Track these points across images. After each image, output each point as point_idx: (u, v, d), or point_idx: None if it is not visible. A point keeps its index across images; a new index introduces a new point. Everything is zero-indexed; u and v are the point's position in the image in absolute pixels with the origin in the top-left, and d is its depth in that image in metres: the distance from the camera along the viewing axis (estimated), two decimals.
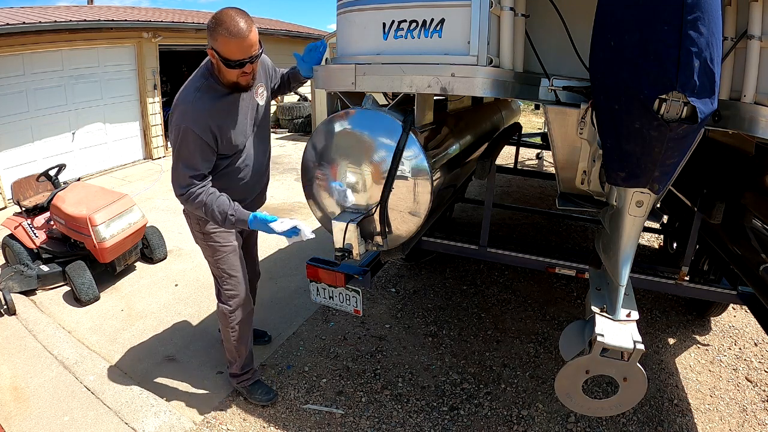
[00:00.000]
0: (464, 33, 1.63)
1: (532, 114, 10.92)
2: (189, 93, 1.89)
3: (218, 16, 1.76)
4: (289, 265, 3.98)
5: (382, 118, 1.93)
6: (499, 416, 2.41)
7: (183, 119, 1.85)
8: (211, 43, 1.79)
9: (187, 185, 1.89)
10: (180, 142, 1.86)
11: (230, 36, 1.74)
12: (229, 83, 1.90)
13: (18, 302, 3.33)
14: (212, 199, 1.92)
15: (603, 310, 1.65)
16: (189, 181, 1.89)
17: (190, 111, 1.85)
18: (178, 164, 1.90)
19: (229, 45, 1.76)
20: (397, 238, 2.07)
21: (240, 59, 1.80)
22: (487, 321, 3.22)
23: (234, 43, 1.75)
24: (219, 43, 1.76)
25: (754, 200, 2.00)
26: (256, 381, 2.49)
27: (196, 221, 2.16)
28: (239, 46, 1.77)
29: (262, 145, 2.21)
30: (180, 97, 1.92)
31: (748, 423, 2.40)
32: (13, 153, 6.05)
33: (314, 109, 9.64)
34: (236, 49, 1.77)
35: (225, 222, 1.94)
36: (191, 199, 1.90)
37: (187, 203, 1.94)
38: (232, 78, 1.87)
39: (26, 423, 2.32)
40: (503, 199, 5.65)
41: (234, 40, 1.75)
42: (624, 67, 1.22)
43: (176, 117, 1.88)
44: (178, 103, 1.91)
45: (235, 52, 1.78)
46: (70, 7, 8.46)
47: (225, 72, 1.85)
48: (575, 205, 1.91)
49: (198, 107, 1.86)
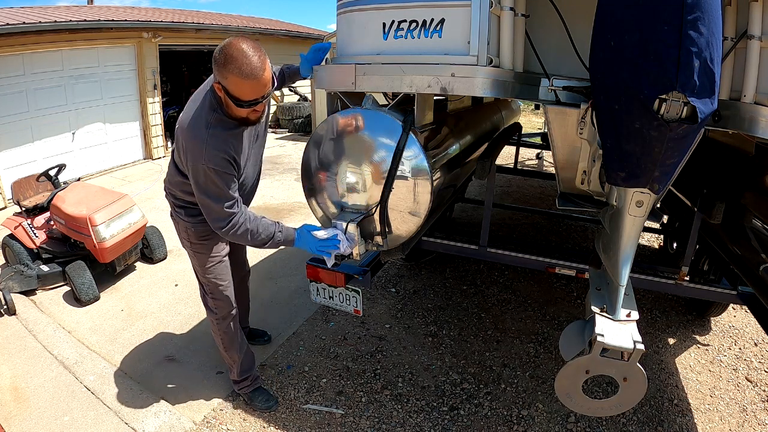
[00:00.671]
0: (464, 33, 1.63)
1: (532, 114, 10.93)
2: (200, 129, 1.74)
3: (228, 52, 1.58)
4: (289, 265, 3.98)
5: (382, 118, 1.93)
6: (499, 416, 2.41)
7: (201, 159, 1.72)
8: (220, 79, 1.64)
9: (228, 216, 1.81)
10: (205, 182, 1.76)
11: (243, 77, 1.59)
12: (237, 118, 1.79)
13: (18, 302, 3.33)
14: (256, 225, 1.87)
15: (603, 310, 1.65)
16: (228, 213, 1.80)
17: (208, 150, 1.72)
18: (210, 201, 1.80)
19: (242, 86, 1.62)
20: (397, 238, 2.07)
21: (253, 99, 1.67)
22: (487, 321, 3.22)
23: (247, 85, 1.61)
24: (229, 82, 1.61)
25: (754, 200, 2.00)
26: (256, 388, 2.45)
27: (184, 228, 2.10)
28: (253, 88, 1.64)
29: (258, 157, 2.14)
30: (191, 133, 1.76)
31: (748, 423, 2.40)
32: (13, 153, 6.05)
33: (314, 109, 9.64)
34: (249, 91, 1.64)
35: (270, 243, 1.90)
36: (235, 230, 1.83)
37: (231, 235, 1.85)
38: (241, 114, 1.76)
39: (26, 423, 2.32)
40: (503, 199, 5.65)
41: (247, 82, 1.60)
42: (624, 67, 1.22)
43: (192, 156, 1.75)
44: (190, 140, 1.76)
45: (247, 93, 1.65)
46: (70, 7, 8.46)
47: (234, 109, 1.73)
48: (575, 205, 1.91)
49: (214, 145, 1.73)
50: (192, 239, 2.11)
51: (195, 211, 2.02)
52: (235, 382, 2.44)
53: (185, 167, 1.84)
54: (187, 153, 1.78)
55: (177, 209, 2.11)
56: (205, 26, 8.41)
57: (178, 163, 1.96)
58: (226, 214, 1.80)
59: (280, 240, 1.92)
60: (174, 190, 2.08)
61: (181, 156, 1.84)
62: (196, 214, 2.01)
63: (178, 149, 1.87)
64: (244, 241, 1.90)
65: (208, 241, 2.12)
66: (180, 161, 1.91)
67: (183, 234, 2.14)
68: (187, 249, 2.19)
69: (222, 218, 1.81)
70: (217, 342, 2.36)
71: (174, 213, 2.16)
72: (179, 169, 1.96)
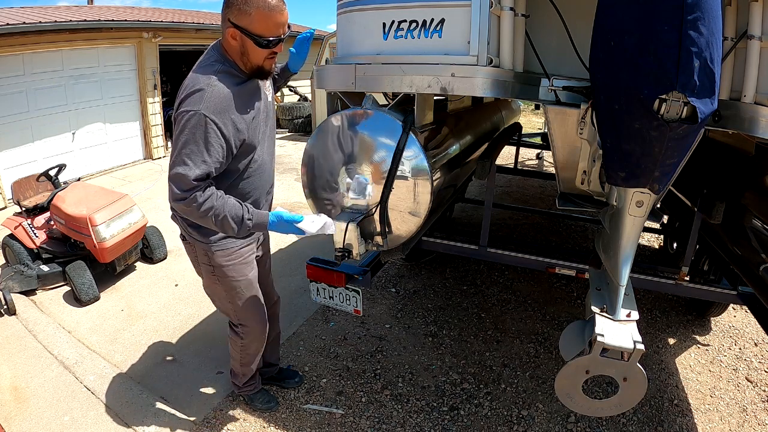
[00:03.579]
0: (464, 33, 1.63)
1: (532, 114, 10.92)
2: (202, 77, 1.56)
3: None
4: (289, 265, 3.98)
5: (382, 118, 1.93)
6: (499, 416, 2.41)
7: (196, 104, 1.50)
8: (239, 20, 1.53)
9: (191, 188, 1.52)
10: (189, 132, 1.50)
11: (268, 9, 1.52)
12: (253, 68, 1.63)
13: (18, 302, 3.33)
14: (222, 203, 1.57)
15: (603, 310, 1.65)
16: (192, 184, 1.51)
17: (208, 96, 1.51)
18: (181, 160, 1.51)
19: (267, 20, 1.53)
20: (397, 238, 2.07)
21: (276, 36, 1.57)
22: (487, 321, 3.22)
23: (272, 18, 1.54)
24: (253, 18, 1.52)
25: (754, 200, 2.00)
26: (258, 390, 2.41)
27: (203, 252, 1.84)
28: (276, 21, 1.56)
29: (271, 150, 1.93)
30: (190, 83, 1.56)
31: (748, 423, 2.40)
32: (13, 153, 6.05)
33: (314, 109, 9.64)
34: (273, 24, 1.55)
35: (240, 229, 1.62)
36: (195, 206, 1.54)
37: (188, 211, 1.57)
38: (259, 61, 1.61)
39: (26, 423, 2.32)
40: (503, 199, 5.65)
41: (272, 14, 1.53)
42: (624, 67, 1.22)
43: (187, 103, 1.52)
44: (188, 89, 1.55)
45: (271, 28, 1.55)
46: (70, 7, 8.46)
47: (252, 54, 1.59)
48: (575, 205, 1.91)
49: (218, 92, 1.54)
50: (214, 262, 1.85)
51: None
52: (237, 386, 2.39)
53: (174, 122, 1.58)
54: (181, 103, 1.54)
55: (191, 230, 1.81)
56: (205, 26, 8.41)
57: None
58: (191, 185, 1.52)
59: (250, 227, 1.65)
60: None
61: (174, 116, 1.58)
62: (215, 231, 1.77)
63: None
64: (207, 222, 1.61)
65: (235, 262, 1.88)
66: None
67: (202, 259, 1.88)
68: (207, 277, 1.93)
69: (183, 188, 1.52)
70: (233, 354, 2.21)
71: (187, 236, 1.86)
72: None
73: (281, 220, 1.68)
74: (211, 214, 1.56)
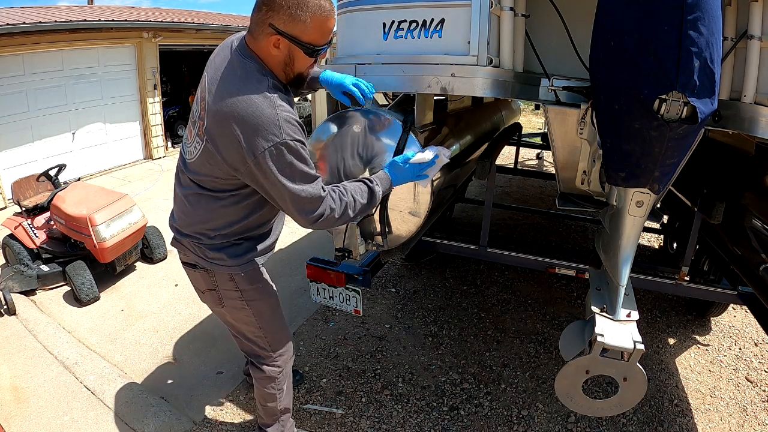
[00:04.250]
0: (464, 33, 1.63)
1: (532, 114, 10.92)
2: (261, 99, 1.31)
3: None
4: (289, 265, 3.98)
5: (382, 118, 1.93)
6: (499, 416, 2.41)
7: (278, 134, 1.29)
8: (290, 27, 1.30)
9: (323, 199, 1.42)
10: (290, 165, 1.32)
11: (325, 15, 1.33)
12: (294, 76, 1.44)
13: (18, 302, 3.33)
14: (347, 193, 1.49)
15: (603, 310, 1.65)
16: (321, 195, 1.41)
17: (282, 120, 1.31)
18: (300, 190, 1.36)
19: (323, 26, 1.34)
20: (397, 238, 2.07)
21: (327, 42, 1.40)
22: (487, 321, 3.22)
23: (328, 24, 1.36)
24: (308, 25, 1.30)
25: (754, 200, 2.00)
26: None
27: (228, 278, 1.63)
28: (331, 27, 1.38)
29: None
30: (249, 108, 1.30)
31: (748, 423, 2.40)
32: (13, 153, 6.05)
33: (314, 109, 9.64)
34: (328, 31, 1.37)
35: (375, 202, 1.56)
36: (334, 211, 1.44)
37: (328, 220, 1.45)
38: (302, 69, 1.43)
39: (26, 423, 2.32)
40: (503, 199, 5.65)
41: (329, 20, 1.35)
42: (624, 67, 1.22)
43: (261, 138, 1.29)
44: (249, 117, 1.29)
45: (326, 35, 1.37)
46: (70, 7, 8.46)
47: (299, 63, 1.39)
48: (575, 205, 1.91)
49: (287, 111, 1.34)
50: (242, 286, 1.64)
51: (240, 247, 1.59)
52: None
53: (237, 167, 1.36)
54: (246, 138, 1.30)
55: (212, 253, 1.57)
56: (205, 26, 8.41)
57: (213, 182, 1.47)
58: (320, 198, 1.40)
59: (380, 194, 1.57)
60: (205, 228, 1.55)
61: (223, 155, 1.35)
62: (244, 250, 1.60)
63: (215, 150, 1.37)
64: (345, 221, 1.50)
65: (263, 281, 1.70)
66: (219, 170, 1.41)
67: (225, 286, 1.64)
68: (232, 303, 1.69)
69: (317, 206, 1.40)
70: (267, 398, 1.92)
71: (206, 261, 1.59)
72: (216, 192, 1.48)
73: (396, 165, 1.63)
74: (348, 210, 1.48)
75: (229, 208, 1.50)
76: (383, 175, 1.62)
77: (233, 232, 1.56)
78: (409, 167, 1.66)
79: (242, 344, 1.88)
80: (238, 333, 1.84)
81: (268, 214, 1.59)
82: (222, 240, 1.56)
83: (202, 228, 1.55)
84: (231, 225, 1.54)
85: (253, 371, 1.89)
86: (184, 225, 1.60)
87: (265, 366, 1.85)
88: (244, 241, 1.60)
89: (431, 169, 1.72)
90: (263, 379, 1.88)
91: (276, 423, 2.01)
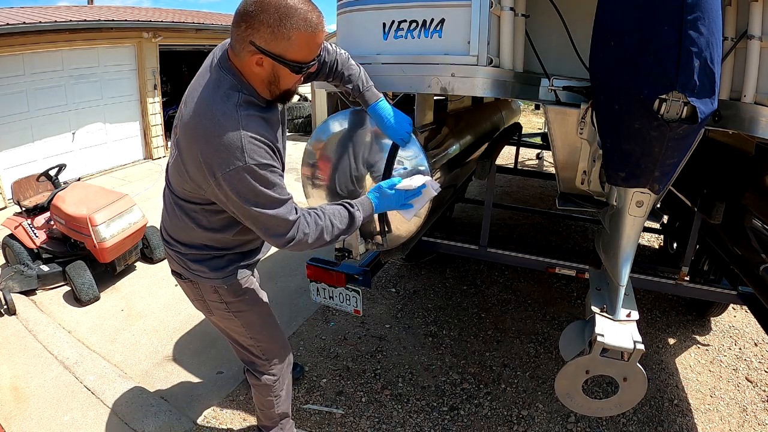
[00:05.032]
0: (464, 33, 1.63)
1: (532, 114, 10.92)
2: (226, 116, 1.23)
3: (279, 3, 1.16)
4: (289, 265, 3.98)
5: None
6: (499, 416, 2.41)
7: (239, 157, 1.21)
8: (271, 45, 1.20)
9: (293, 224, 1.35)
10: (252, 189, 1.25)
11: (311, 30, 1.21)
12: (280, 93, 1.33)
13: (18, 302, 3.33)
14: (327, 217, 1.43)
15: (603, 310, 1.65)
16: (292, 220, 1.34)
17: (246, 140, 1.22)
18: (267, 215, 1.29)
19: (310, 43, 1.23)
20: (397, 238, 2.07)
21: (314, 58, 1.29)
22: (487, 321, 3.22)
23: (315, 39, 1.24)
24: (293, 42, 1.20)
25: (754, 200, 2.00)
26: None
27: (212, 290, 1.60)
28: (319, 42, 1.26)
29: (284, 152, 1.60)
30: (211, 125, 1.23)
31: (748, 423, 2.40)
32: (13, 153, 6.05)
33: (314, 109, 9.64)
34: (315, 46, 1.26)
35: (353, 227, 1.49)
36: (307, 237, 1.38)
37: (302, 244, 1.39)
38: (289, 86, 1.32)
39: (26, 423, 2.32)
40: (503, 199, 5.65)
41: (316, 35, 1.23)
42: (624, 67, 1.21)
43: (220, 159, 1.22)
44: (210, 135, 1.23)
45: (313, 51, 1.26)
46: (70, 7, 8.46)
47: (285, 81, 1.29)
48: (575, 205, 1.91)
49: (253, 130, 1.25)
50: (227, 298, 1.61)
51: (222, 260, 1.55)
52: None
53: (201, 185, 1.32)
54: (206, 159, 1.24)
55: (194, 264, 1.54)
56: (205, 26, 8.41)
57: (183, 193, 1.43)
58: (291, 222, 1.34)
59: (360, 219, 1.50)
60: (184, 238, 1.52)
61: (188, 170, 1.32)
62: (226, 263, 1.56)
63: (182, 163, 1.34)
64: (320, 245, 1.44)
65: (249, 291, 1.66)
66: (186, 183, 1.37)
67: (211, 297, 1.61)
68: (220, 314, 1.68)
69: (287, 230, 1.34)
70: (265, 405, 1.93)
71: (189, 272, 1.57)
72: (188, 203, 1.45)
73: (382, 190, 1.56)
74: (324, 234, 1.41)
75: (203, 221, 1.46)
76: (365, 201, 1.55)
77: (212, 246, 1.53)
78: (394, 194, 1.59)
79: (238, 351, 1.88)
80: (232, 341, 1.84)
81: (245, 231, 1.49)
82: (202, 252, 1.53)
83: (181, 237, 1.53)
84: (208, 240, 1.51)
85: (249, 378, 1.90)
86: (168, 234, 1.58)
87: (261, 374, 1.85)
88: (226, 253, 1.56)
89: (417, 200, 1.65)
90: (260, 387, 1.88)
91: (276, 426, 2.05)
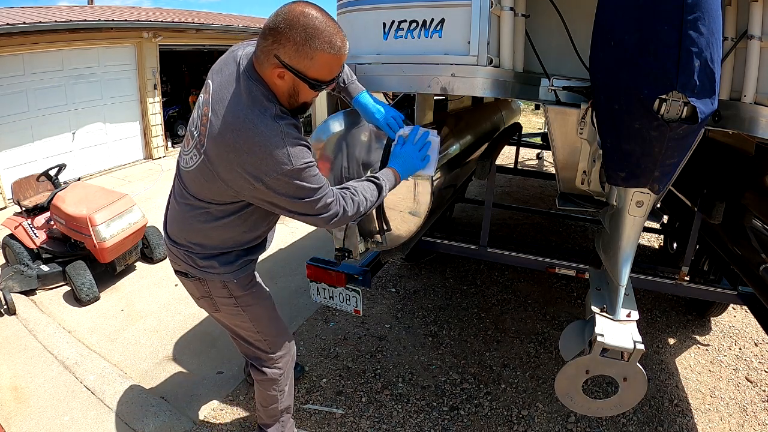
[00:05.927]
0: (464, 33, 1.63)
1: (532, 114, 10.92)
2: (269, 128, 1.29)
3: (307, 23, 1.22)
4: (289, 265, 3.98)
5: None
6: (499, 416, 2.41)
7: (287, 162, 1.29)
8: (295, 62, 1.26)
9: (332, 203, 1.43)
10: (299, 189, 1.33)
11: (334, 52, 1.27)
12: (298, 105, 1.41)
13: (18, 302, 3.33)
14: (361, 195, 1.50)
15: (603, 310, 1.65)
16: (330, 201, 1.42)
17: (290, 147, 1.30)
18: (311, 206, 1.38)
19: (331, 64, 1.30)
20: (397, 238, 2.07)
21: (333, 78, 1.37)
22: (487, 321, 3.22)
23: (337, 61, 1.31)
24: (315, 62, 1.26)
25: (754, 200, 2.00)
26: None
27: (221, 285, 1.65)
28: (340, 63, 1.33)
29: None
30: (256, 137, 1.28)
31: (748, 423, 2.40)
32: (13, 153, 6.05)
33: (314, 110, 9.64)
34: (336, 67, 1.33)
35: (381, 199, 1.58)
36: (346, 211, 1.46)
37: (341, 219, 1.48)
38: (307, 99, 1.40)
39: (26, 423, 2.32)
40: (503, 199, 5.65)
41: (338, 58, 1.30)
42: (624, 67, 1.22)
43: (267, 167, 1.28)
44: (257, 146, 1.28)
45: (334, 71, 1.33)
46: (71, 7, 8.46)
47: (303, 95, 1.37)
48: (575, 205, 1.91)
49: (294, 138, 1.33)
50: (236, 293, 1.67)
51: (231, 255, 1.60)
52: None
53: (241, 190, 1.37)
54: (251, 168, 1.30)
55: (203, 261, 1.59)
56: (205, 26, 8.41)
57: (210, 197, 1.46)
58: (331, 203, 1.43)
59: (387, 190, 1.58)
60: (199, 239, 1.57)
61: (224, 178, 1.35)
62: (235, 257, 1.61)
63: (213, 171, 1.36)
64: (357, 218, 1.53)
65: (256, 285, 1.73)
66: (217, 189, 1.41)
67: (219, 293, 1.66)
68: (228, 310, 1.72)
69: (328, 209, 1.43)
70: (268, 401, 1.95)
71: (197, 270, 1.61)
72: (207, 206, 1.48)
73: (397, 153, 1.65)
74: (359, 208, 1.50)
75: (223, 222, 1.50)
76: (386, 171, 1.62)
77: (227, 245, 1.59)
78: (410, 151, 1.66)
79: (242, 347, 1.90)
80: (237, 336, 1.86)
81: (263, 228, 1.62)
82: (215, 250, 1.58)
83: (195, 239, 1.57)
84: (225, 239, 1.56)
85: (254, 373, 1.90)
86: (177, 235, 1.60)
87: (267, 368, 1.86)
88: (236, 249, 1.62)
89: (431, 149, 1.70)
90: (265, 382, 1.89)
91: (276, 423, 2.04)
